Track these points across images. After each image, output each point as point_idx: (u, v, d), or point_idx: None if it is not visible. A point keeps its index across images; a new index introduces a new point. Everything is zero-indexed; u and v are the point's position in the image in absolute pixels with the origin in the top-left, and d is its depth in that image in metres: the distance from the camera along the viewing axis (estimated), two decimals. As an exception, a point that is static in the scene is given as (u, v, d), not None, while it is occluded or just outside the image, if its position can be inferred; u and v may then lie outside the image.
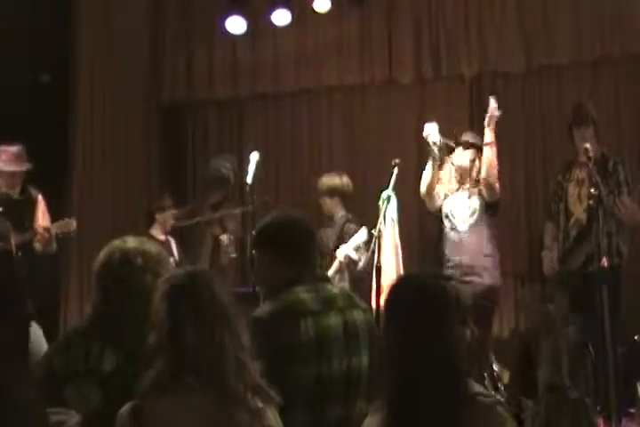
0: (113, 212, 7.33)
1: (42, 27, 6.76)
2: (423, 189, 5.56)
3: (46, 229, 5.69)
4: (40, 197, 5.95)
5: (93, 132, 7.38)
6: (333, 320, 2.81)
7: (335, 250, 5.56)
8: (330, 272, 5.46)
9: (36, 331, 5.49)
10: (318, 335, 2.75)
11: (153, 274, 2.73)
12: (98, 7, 7.38)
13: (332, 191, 5.87)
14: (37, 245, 5.74)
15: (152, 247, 2.84)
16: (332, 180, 5.89)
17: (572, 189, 5.37)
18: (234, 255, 6.12)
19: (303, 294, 2.82)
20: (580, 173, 5.35)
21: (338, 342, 2.79)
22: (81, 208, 7.02)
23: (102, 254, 2.77)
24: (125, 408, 2.26)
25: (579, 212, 5.29)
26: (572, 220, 5.32)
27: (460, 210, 5.46)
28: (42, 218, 5.91)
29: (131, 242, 2.80)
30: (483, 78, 7.28)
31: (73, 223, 5.73)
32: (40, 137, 6.09)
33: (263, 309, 2.80)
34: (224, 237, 6.08)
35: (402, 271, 5.04)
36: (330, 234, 5.84)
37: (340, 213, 5.90)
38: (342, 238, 5.70)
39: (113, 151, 7.52)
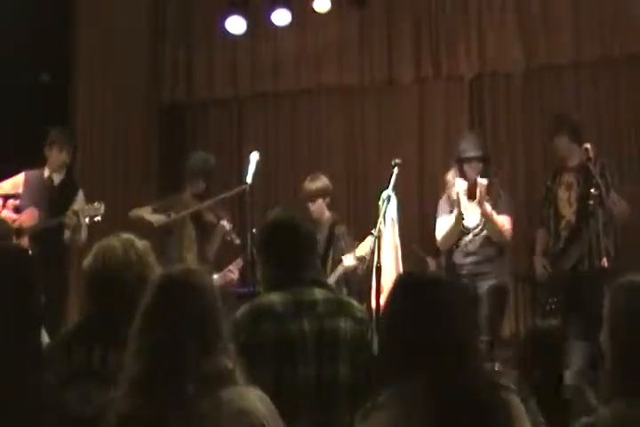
0: (113, 211, 7.31)
1: (42, 27, 6.77)
2: (441, 241, 5.52)
3: (74, 213, 5.61)
4: (80, 192, 6.01)
5: (93, 132, 7.38)
6: (305, 325, 2.73)
7: (325, 254, 5.52)
8: (331, 279, 5.43)
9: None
10: (279, 338, 2.68)
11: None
12: (98, 7, 7.39)
13: (324, 193, 5.77)
14: (67, 233, 5.69)
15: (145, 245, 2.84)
16: (320, 181, 5.77)
17: (562, 193, 5.48)
18: (238, 242, 5.95)
19: (276, 296, 2.77)
20: (568, 178, 5.48)
21: (305, 348, 2.71)
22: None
23: (113, 253, 2.73)
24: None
25: (569, 214, 5.38)
26: (563, 222, 5.46)
27: (470, 220, 5.48)
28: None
29: (137, 241, 2.79)
30: (482, 78, 7.29)
31: (100, 208, 5.63)
32: (40, 137, 6.08)
33: (239, 310, 2.79)
34: (224, 223, 5.85)
35: (401, 271, 5.03)
36: (318, 237, 5.77)
37: (326, 214, 5.85)
38: (331, 241, 5.66)
39: (113, 151, 7.53)
